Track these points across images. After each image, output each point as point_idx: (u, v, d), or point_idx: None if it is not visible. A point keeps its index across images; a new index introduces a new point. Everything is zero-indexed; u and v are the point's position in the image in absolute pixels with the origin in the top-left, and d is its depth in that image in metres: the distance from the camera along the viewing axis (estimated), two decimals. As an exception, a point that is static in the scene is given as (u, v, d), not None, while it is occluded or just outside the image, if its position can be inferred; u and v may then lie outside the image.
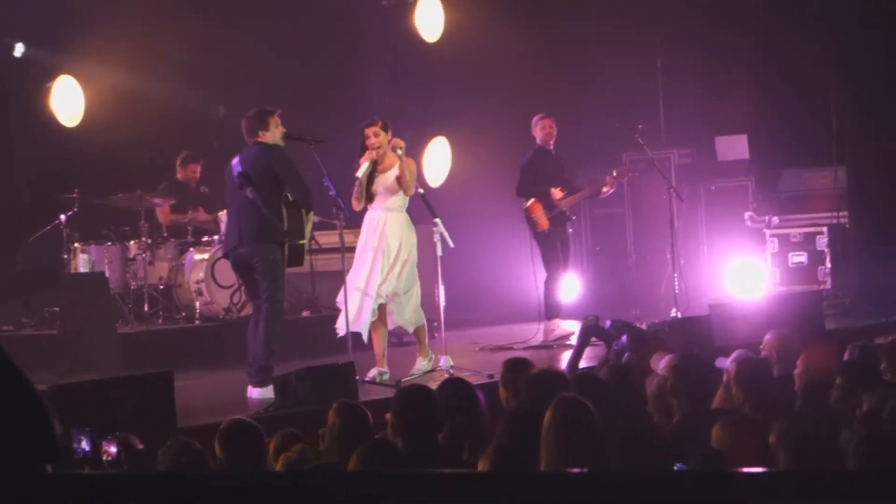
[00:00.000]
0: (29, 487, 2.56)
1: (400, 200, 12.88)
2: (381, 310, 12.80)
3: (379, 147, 12.77)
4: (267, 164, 12.08)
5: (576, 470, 5.73)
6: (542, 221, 14.71)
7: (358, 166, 12.79)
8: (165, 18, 16.96)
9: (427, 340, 13.29)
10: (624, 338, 12.22)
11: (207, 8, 17.34)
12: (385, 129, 12.89)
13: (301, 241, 12.29)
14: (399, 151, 12.97)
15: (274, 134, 12.24)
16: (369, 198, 12.85)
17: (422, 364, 13.05)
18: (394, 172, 12.80)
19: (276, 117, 12.28)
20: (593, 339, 12.61)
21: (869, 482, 3.11)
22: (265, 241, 12.09)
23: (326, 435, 7.58)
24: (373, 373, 12.55)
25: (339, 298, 12.76)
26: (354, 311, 12.65)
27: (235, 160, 12.32)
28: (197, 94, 17.34)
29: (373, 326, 12.80)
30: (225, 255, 13.02)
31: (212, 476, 5.27)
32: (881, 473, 3.67)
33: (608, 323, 12.82)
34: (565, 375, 9.41)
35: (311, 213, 12.54)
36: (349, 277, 12.78)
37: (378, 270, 12.72)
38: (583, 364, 12.04)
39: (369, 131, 12.83)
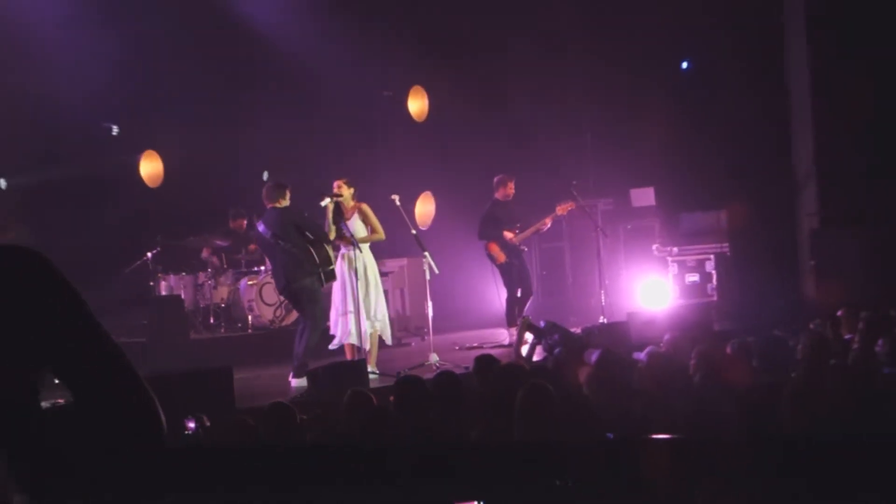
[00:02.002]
0: (140, 460, 2.57)
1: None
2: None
3: (340, 196, 12.57)
4: (289, 221, 12.15)
5: (542, 439, 5.75)
6: (500, 256, 14.70)
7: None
8: (221, 107, 17.02)
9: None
10: (556, 336, 12.22)
11: (255, 99, 17.41)
12: (349, 185, 12.70)
13: (331, 267, 12.32)
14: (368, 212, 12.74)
15: (285, 202, 12.34)
16: (339, 237, 12.52)
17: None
18: (355, 219, 12.61)
19: (288, 190, 12.41)
20: (528, 333, 12.64)
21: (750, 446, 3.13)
22: (304, 276, 12.13)
23: (342, 412, 7.58)
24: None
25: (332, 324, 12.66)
26: (344, 328, 12.54)
27: (260, 224, 12.44)
28: (247, 163, 17.36)
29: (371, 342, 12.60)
30: (280, 292, 13.07)
31: (259, 445, 5.28)
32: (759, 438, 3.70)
33: (542, 323, 12.84)
34: (524, 367, 9.40)
35: (330, 248, 12.52)
36: (335, 305, 12.62)
37: (369, 298, 12.49)
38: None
39: (335, 183, 12.67)
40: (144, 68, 16.40)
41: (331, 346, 12.68)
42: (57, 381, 2.47)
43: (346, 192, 12.64)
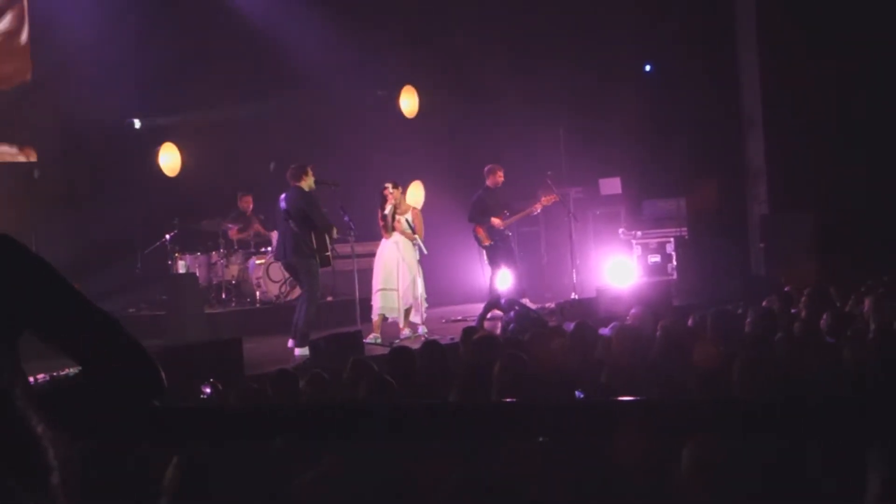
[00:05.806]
0: (140, 418, 2.54)
1: (409, 232, 13.12)
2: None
3: (394, 198, 13.04)
4: (301, 206, 12.09)
5: (514, 400, 5.71)
6: (485, 239, 14.56)
7: (383, 208, 13.05)
8: (231, 104, 16.97)
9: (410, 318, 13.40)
10: (511, 313, 12.20)
11: (262, 97, 17.36)
12: (395, 186, 13.17)
13: (326, 253, 12.28)
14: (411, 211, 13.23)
15: (308, 180, 12.28)
16: (391, 229, 13.05)
17: (406, 332, 13.08)
18: (407, 215, 13.06)
19: (310, 169, 12.34)
20: (494, 310, 12.88)
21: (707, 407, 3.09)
22: (303, 256, 12.10)
23: (345, 378, 7.53)
24: (370, 337, 12.56)
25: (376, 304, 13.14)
26: (379, 303, 12.93)
27: (282, 197, 12.37)
28: (256, 154, 17.30)
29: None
30: (276, 260, 13.18)
31: (265, 407, 5.23)
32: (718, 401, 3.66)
33: (503, 301, 12.94)
34: (498, 337, 9.36)
35: (334, 234, 12.50)
36: (377, 280, 13.10)
37: (407, 279, 13.00)
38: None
39: (387, 185, 13.12)
40: (162, 70, 16.33)
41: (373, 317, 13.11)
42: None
43: (397, 194, 13.19)
